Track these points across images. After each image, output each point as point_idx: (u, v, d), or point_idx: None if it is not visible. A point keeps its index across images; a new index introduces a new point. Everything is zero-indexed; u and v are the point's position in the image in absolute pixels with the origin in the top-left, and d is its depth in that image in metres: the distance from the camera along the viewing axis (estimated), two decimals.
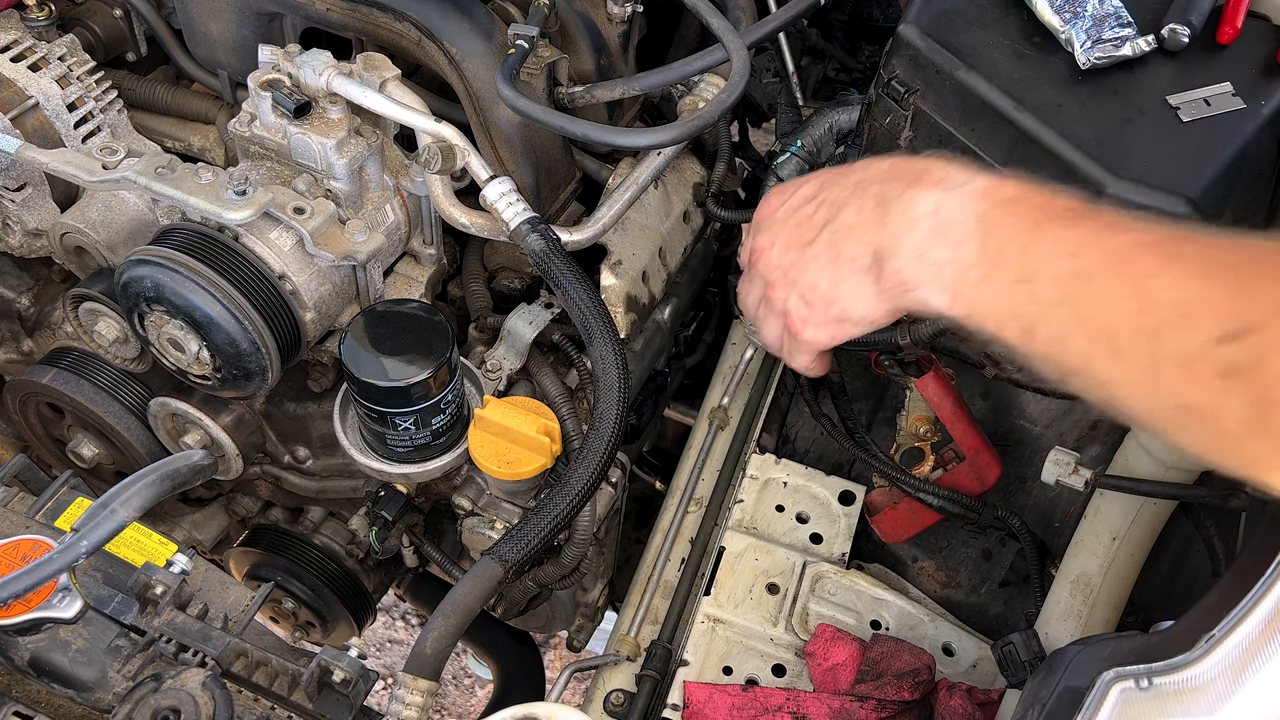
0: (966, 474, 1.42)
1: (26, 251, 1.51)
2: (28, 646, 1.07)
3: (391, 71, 1.32)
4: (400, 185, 1.39)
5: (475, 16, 1.34)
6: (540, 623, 1.71)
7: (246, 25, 1.42)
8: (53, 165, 1.33)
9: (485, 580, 1.19)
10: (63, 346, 1.57)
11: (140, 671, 1.07)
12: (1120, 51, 1.22)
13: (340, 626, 1.82)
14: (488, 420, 1.32)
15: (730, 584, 1.42)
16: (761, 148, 1.87)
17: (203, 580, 1.21)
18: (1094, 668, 0.88)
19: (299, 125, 1.29)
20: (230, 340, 1.27)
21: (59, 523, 1.19)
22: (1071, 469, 1.28)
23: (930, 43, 1.27)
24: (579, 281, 1.29)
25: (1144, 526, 1.27)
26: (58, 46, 1.46)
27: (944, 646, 1.38)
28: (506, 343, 1.45)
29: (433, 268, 1.47)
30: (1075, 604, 1.27)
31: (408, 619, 2.94)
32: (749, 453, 1.58)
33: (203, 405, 1.48)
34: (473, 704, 2.82)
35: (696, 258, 1.66)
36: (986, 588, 1.50)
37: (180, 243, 1.27)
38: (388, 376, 1.23)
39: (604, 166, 1.50)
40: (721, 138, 1.63)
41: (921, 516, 1.46)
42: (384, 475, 1.37)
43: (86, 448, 1.59)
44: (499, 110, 1.33)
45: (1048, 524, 1.44)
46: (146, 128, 1.56)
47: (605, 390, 1.27)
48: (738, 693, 1.31)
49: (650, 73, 1.38)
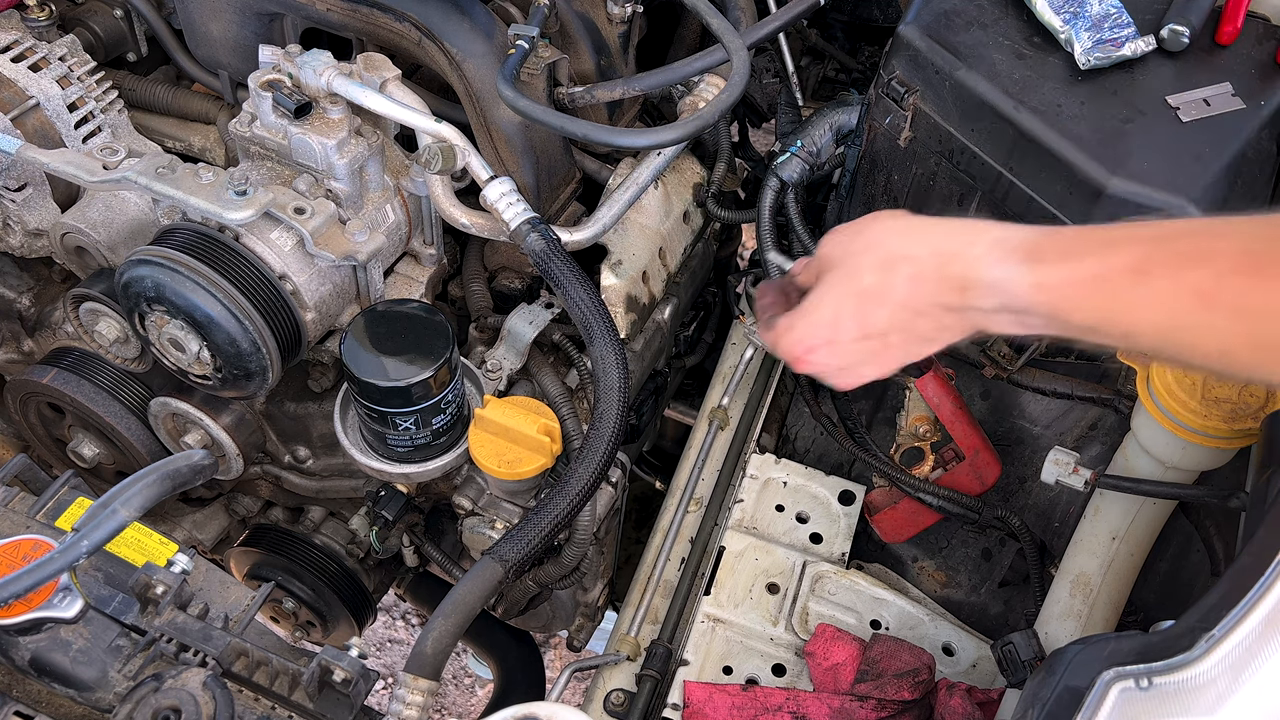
0: (966, 474, 1.42)
1: (27, 251, 1.51)
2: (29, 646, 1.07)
3: (392, 72, 1.32)
4: (400, 185, 1.39)
5: (475, 17, 1.34)
6: (540, 622, 1.71)
7: (247, 25, 1.42)
8: (53, 165, 1.33)
9: (485, 580, 1.19)
10: (63, 346, 1.57)
11: (141, 671, 1.07)
12: (1120, 51, 1.22)
13: (340, 626, 1.82)
14: (488, 420, 1.32)
15: (730, 584, 1.42)
16: (761, 148, 1.87)
17: (203, 580, 1.21)
18: (1094, 667, 0.88)
19: (299, 125, 1.29)
20: (231, 340, 1.28)
21: (59, 523, 1.19)
22: (1071, 469, 1.28)
23: (930, 43, 1.27)
24: (579, 281, 1.29)
25: (1144, 526, 1.27)
26: (58, 47, 1.46)
27: (944, 646, 1.38)
28: (507, 343, 1.45)
29: (433, 268, 1.48)
30: (1075, 604, 1.27)
31: (408, 619, 2.94)
32: (749, 453, 1.58)
33: (203, 405, 1.48)
34: (473, 704, 2.82)
35: (696, 258, 1.66)
36: (986, 588, 1.50)
37: (181, 243, 1.27)
38: (388, 376, 1.23)
39: (604, 166, 1.50)
40: (721, 138, 1.63)
41: (921, 516, 1.47)
42: (384, 475, 1.37)
43: (87, 447, 1.59)
44: (499, 110, 1.33)
45: (1048, 524, 1.44)
46: (147, 128, 1.56)
47: (605, 390, 1.28)
48: (738, 692, 1.31)
49: (650, 73, 1.39)
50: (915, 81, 1.30)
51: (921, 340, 0.95)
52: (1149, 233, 0.82)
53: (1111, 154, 1.17)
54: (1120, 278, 0.80)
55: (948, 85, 1.26)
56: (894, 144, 1.36)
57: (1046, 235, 0.86)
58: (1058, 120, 1.20)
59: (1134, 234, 0.82)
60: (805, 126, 1.51)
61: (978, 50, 1.27)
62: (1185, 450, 1.18)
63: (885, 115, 1.35)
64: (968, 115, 1.26)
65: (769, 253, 1.49)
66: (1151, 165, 1.16)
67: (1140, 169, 1.15)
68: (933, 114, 1.30)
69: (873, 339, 0.96)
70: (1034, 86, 1.23)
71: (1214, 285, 0.76)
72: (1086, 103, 1.21)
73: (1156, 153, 1.17)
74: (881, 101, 1.35)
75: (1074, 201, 1.19)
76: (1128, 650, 0.88)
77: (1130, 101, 1.22)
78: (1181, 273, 0.77)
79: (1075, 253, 0.83)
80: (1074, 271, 0.82)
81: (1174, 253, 0.79)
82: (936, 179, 1.34)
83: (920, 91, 1.30)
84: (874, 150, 1.40)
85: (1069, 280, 0.82)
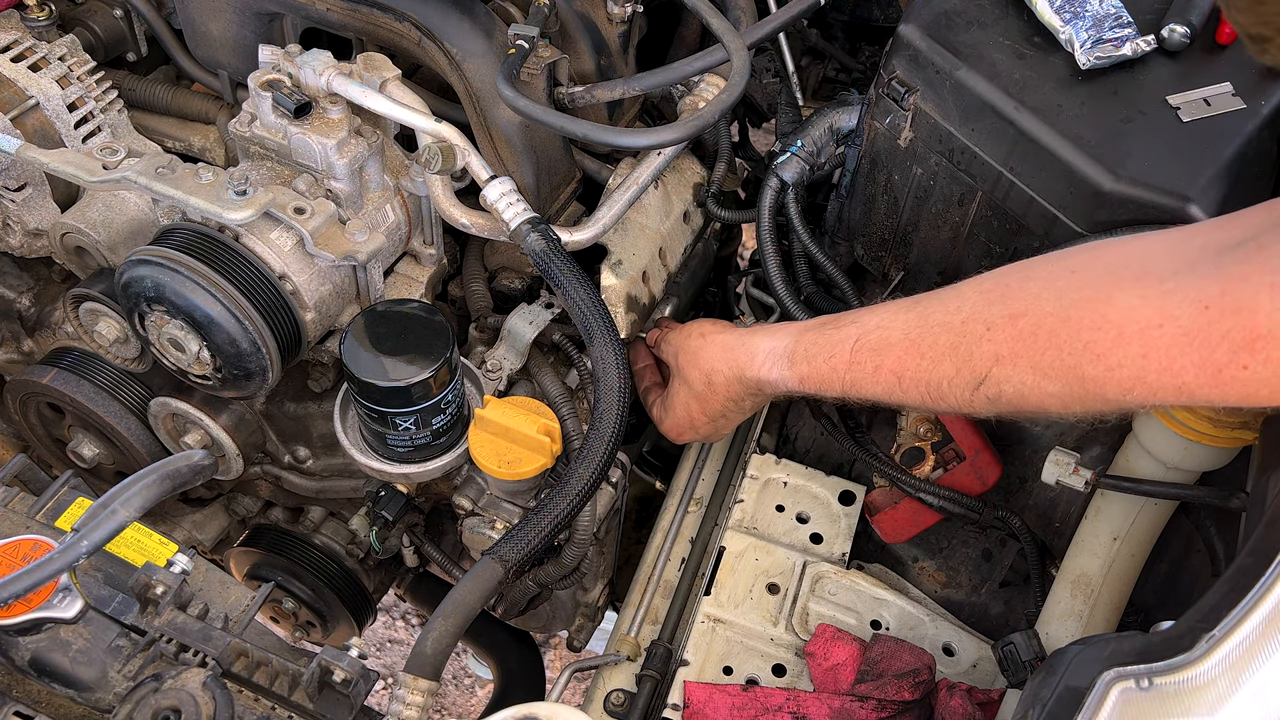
0: (967, 474, 1.42)
1: (27, 251, 1.51)
2: (28, 646, 1.07)
3: (392, 71, 1.32)
4: (400, 185, 1.39)
5: (475, 16, 1.34)
6: (540, 623, 1.71)
7: (247, 25, 1.42)
8: (53, 165, 1.33)
9: (485, 580, 1.19)
10: (63, 346, 1.57)
11: (141, 671, 1.07)
12: (1120, 51, 1.22)
13: (340, 626, 1.82)
14: (488, 420, 1.32)
15: (730, 584, 1.42)
16: (761, 148, 1.87)
17: (203, 580, 1.21)
18: (1094, 668, 0.88)
19: (299, 125, 1.29)
20: (230, 340, 1.28)
21: (59, 523, 1.19)
22: (1072, 469, 1.28)
23: (930, 43, 1.27)
24: (579, 281, 1.29)
25: (1144, 527, 1.27)
26: (58, 46, 1.46)
27: (944, 646, 1.38)
28: (507, 343, 1.45)
29: (433, 268, 1.48)
30: (1076, 604, 1.27)
31: (408, 619, 2.94)
32: (749, 453, 1.58)
33: (203, 405, 1.48)
34: (473, 704, 2.82)
35: (696, 258, 1.66)
36: (987, 588, 1.50)
37: (180, 243, 1.27)
38: (388, 376, 1.23)
39: (604, 166, 1.50)
40: (721, 138, 1.62)
41: (922, 516, 1.46)
42: (384, 475, 1.37)
43: (87, 448, 1.59)
44: (499, 110, 1.33)
45: (1048, 524, 1.44)
46: (147, 128, 1.56)
47: (605, 390, 1.27)
48: (738, 693, 1.31)
49: (650, 73, 1.38)
50: (915, 81, 1.30)
51: (746, 411, 1.42)
52: (855, 333, 1.18)
53: (1111, 154, 1.17)
54: (844, 370, 1.18)
55: (948, 85, 1.26)
56: (894, 144, 1.36)
57: (798, 342, 1.25)
58: (1058, 120, 1.20)
59: (845, 336, 1.19)
60: (805, 126, 1.51)
61: (978, 50, 1.27)
62: (1187, 450, 1.18)
63: (885, 115, 1.35)
64: (968, 115, 1.26)
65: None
66: (1151, 165, 1.16)
67: (1140, 169, 1.15)
68: (933, 114, 1.29)
69: (715, 419, 1.42)
70: (1034, 86, 1.23)
71: (897, 366, 1.12)
72: (1086, 103, 1.21)
73: (1156, 153, 1.17)
74: (881, 101, 1.34)
75: (1074, 201, 1.19)
76: (1128, 650, 0.88)
77: (1130, 101, 1.21)
78: (878, 359, 1.14)
79: (813, 356, 1.22)
80: (814, 369, 1.22)
81: (868, 346, 1.16)
82: (936, 179, 1.34)
83: (920, 91, 1.30)
84: (874, 150, 1.40)
85: (813, 374, 1.23)
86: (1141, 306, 0.92)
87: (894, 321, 1.15)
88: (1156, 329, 0.91)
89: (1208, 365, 0.87)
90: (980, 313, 1.06)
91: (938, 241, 1.40)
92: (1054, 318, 0.99)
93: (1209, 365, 0.87)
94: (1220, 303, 0.87)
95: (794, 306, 1.49)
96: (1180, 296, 0.90)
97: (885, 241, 1.48)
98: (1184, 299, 0.89)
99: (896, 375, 1.12)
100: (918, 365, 1.10)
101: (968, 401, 1.07)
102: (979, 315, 1.05)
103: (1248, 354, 0.85)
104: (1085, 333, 0.95)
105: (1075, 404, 1.00)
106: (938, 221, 1.38)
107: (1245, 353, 0.85)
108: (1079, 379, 0.97)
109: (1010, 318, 1.02)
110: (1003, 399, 1.04)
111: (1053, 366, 0.98)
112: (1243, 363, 0.85)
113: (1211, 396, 0.89)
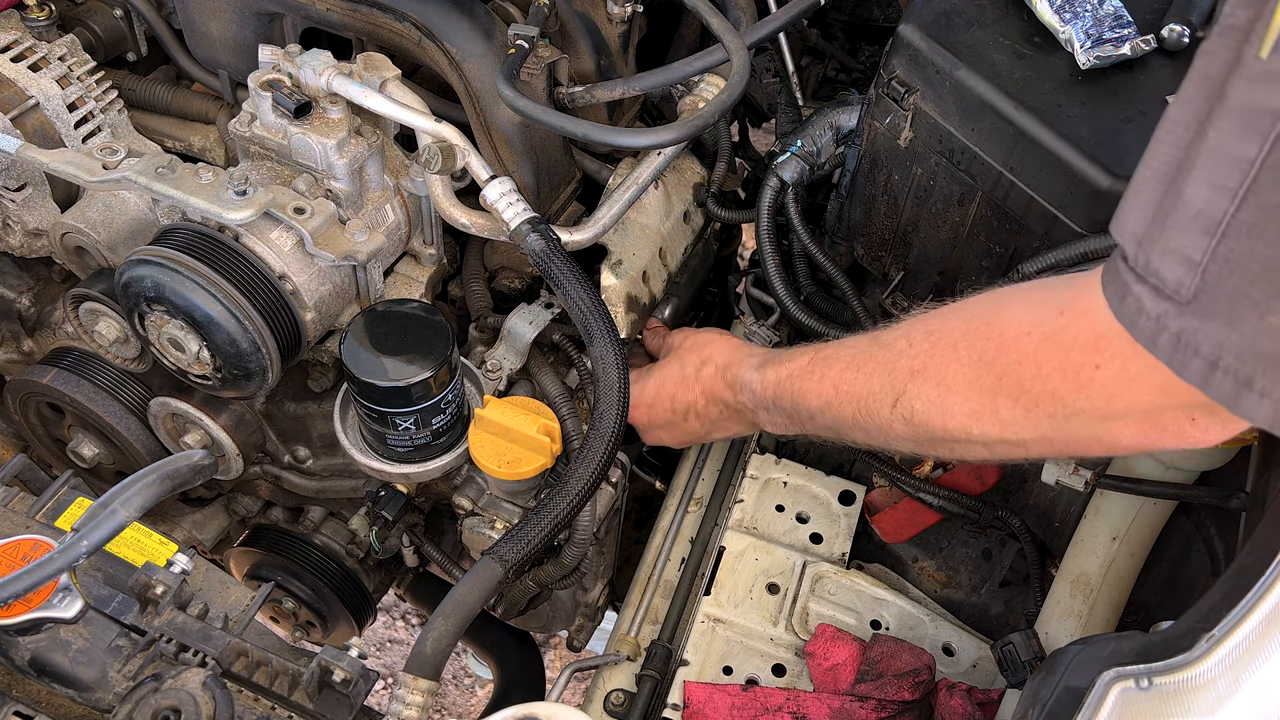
0: (966, 474, 1.42)
1: (27, 251, 1.51)
2: (28, 646, 1.07)
3: (391, 71, 1.32)
4: (400, 185, 1.39)
5: (475, 16, 1.34)
6: (540, 623, 1.71)
7: (247, 25, 1.42)
8: (53, 165, 1.33)
9: (485, 580, 1.19)
10: (63, 346, 1.57)
11: (140, 671, 1.07)
12: (1120, 51, 1.22)
13: (340, 626, 1.82)
14: (488, 420, 1.32)
15: (730, 584, 1.42)
16: (761, 148, 1.87)
17: (203, 580, 1.21)
18: (1094, 667, 0.88)
19: (299, 125, 1.29)
20: (230, 340, 1.28)
21: (59, 523, 1.19)
22: (1071, 469, 1.28)
23: (930, 43, 1.27)
24: (579, 281, 1.29)
25: (1144, 526, 1.27)
26: (58, 46, 1.46)
27: (944, 646, 1.38)
28: (506, 343, 1.45)
29: (433, 268, 1.48)
30: (1075, 604, 1.28)
31: (408, 619, 2.94)
32: (749, 452, 1.58)
33: (203, 405, 1.48)
34: (473, 704, 2.82)
35: (696, 258, 1.66)
36: (986, 588, 1.50)
37: (180, 243, 1.27)
38: (388, 376, 1.23)
39: (604, 166, 1.50)
40: (721, 138, 1.62)
41: (921, 516, 1.47)
42: (384, 475, 1.37)
43: (87, 448, 1.59)
44: (499, 110, 1.33)
45: (1048, 524, 1.44)
46: (147, 128, 1.56)
47: (605, 390, 1.27)
48: (738, 692, 1.31)
49: (650, 73, 1.38)
50: (915, 81, 1.30)
51: (707, 423, 1.40)
52: (819, 345, 1.22)
53: (1111, 154, 1.17)
54: (798, 377, 1.20)
55: (948, 85, 1.26)
56: (894, 144, 1.36)
57: (772, 352, 1.32)
58: (1058, 120, 1.20)
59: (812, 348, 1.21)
60: (805, 126, 1.51)
61: (978, 50, 1.27)
62: (1186, 450, 1.18)
63: (885, 115, 1.35)
64: (968, 115, 1.26)
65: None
66: None
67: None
68: (933, 114, 1.30)
69: (680, 411, 1.40)
70: (1034, 86, 1.23)
71: (838, 378, 1.15)
72: (1086, 103, 1.21)
73: None
74: (881, 101, 1.34)
75: (1074, 201, 1.19)
76: (1128, 650, 0.88)
77: (1130, 101, 1.21)
78: (825, 368, 1.17)
79: (781, 360, 1.25)
80: (776, 372, 1.24)
81: (822, 356, 1.18)
82: (936, 179, 1.34)
83: (920, 91, 1.30)
84: (874, 150, 1.40)
85: (776, 376, 1.24)
86: (1021, 314, 0.95)
87: (854, 340, 1.17)
88: (1025, 335, 0.93)
89: (1068, 368, 0.89)
90: (909, 330, 1.08)
91: (938, 241, 1.40)
92: (957, 331, 1.01)
93: (1069, 368, 0.89)
94: (1073, 306, 0.89)
95: (793, 306, 1.49)
96: (1047, 304, 0.93)
97: (885, 241, 1.48)
98: (1046, 305, 0.92)
99: (835, 386, 1.15)
100: (854, 378, 1.12)
101: (888, 421, 1.08)
102: (908, 332, 1.08)
103: (1095, 353, 0.86)
104: (979, 343, 0.98)
105: (974, 423, 0.99)
106: (938, 221, 1.38)
107: (1093, 352, 0.86)
108: (977, 390, 0.98)
109: (927, 333, 1.05)
110: (915, 417, 1.05)
111: (955, 380, 1.00)
112: (1094, 362, 0.86)
113: (1080, 402, 0.89)
